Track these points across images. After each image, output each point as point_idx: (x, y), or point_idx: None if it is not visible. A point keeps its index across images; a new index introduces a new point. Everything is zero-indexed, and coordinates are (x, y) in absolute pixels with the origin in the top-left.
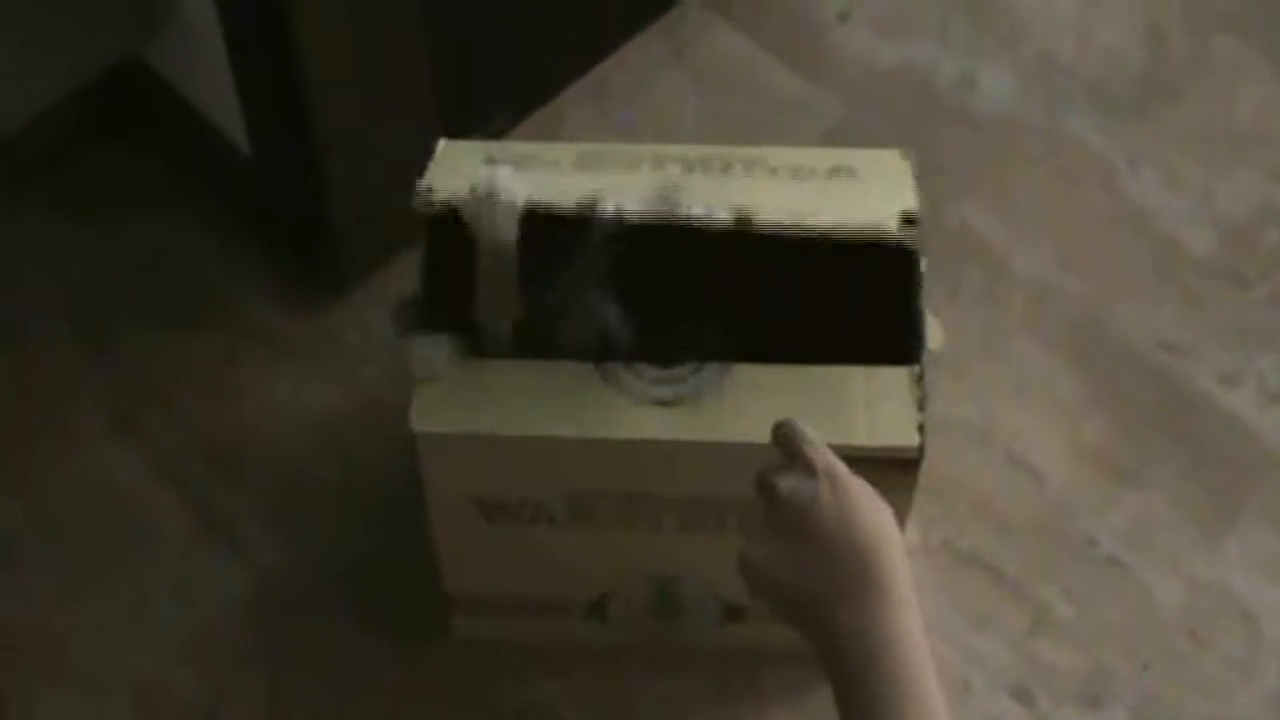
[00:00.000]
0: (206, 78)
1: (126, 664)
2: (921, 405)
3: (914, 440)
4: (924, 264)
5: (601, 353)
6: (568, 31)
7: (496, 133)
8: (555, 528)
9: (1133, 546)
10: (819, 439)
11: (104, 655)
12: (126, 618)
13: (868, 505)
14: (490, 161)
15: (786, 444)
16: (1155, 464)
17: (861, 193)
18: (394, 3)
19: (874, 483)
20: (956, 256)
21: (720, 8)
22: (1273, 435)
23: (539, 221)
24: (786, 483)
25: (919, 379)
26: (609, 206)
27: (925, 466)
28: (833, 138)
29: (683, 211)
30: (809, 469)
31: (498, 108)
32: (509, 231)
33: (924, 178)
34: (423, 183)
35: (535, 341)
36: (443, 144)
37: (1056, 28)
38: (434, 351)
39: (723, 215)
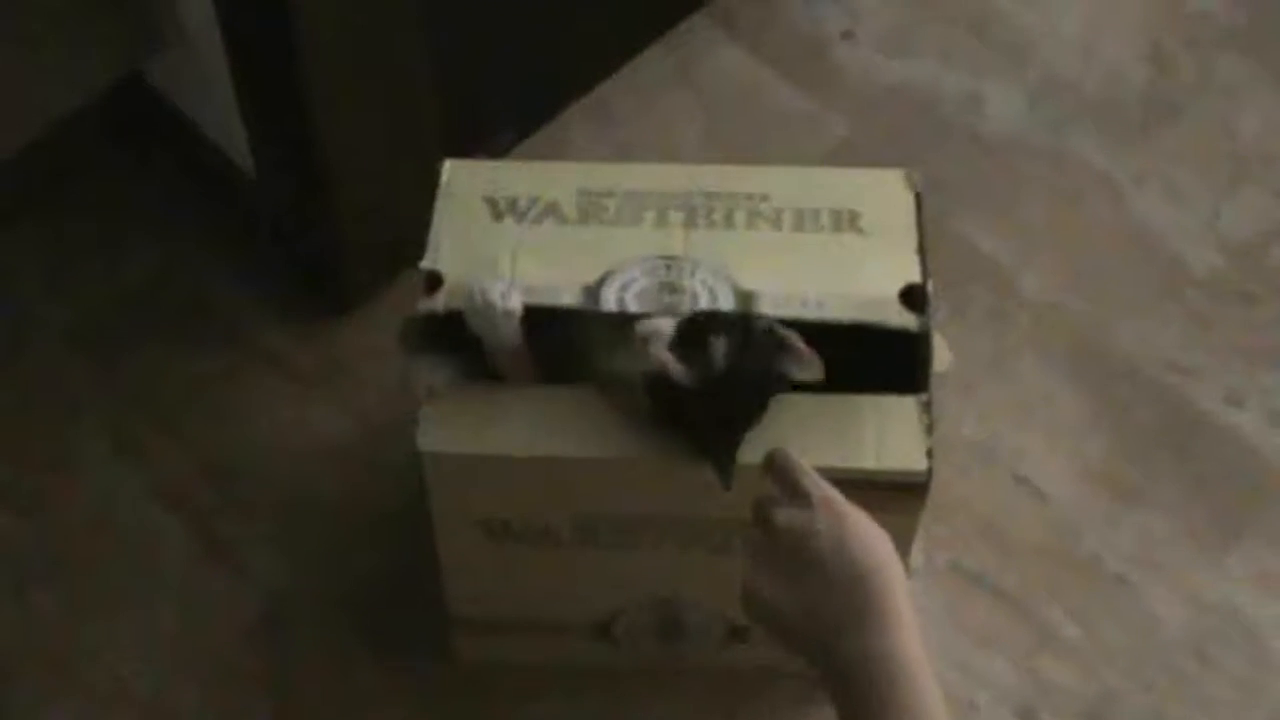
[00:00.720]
0: (210, 98)
1: (131, 684)
2: (929, 430)
3: (922, 465)
4: (931, 286)
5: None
6: (571, 50)
7: (501, 151)
8: (560, 549)
9: (1138, 566)
10: (810, 469)
11: (109, 676)
12: (132, 638)
13: (865, 533)
14: (493, 208)
15: (781, 474)
16: (1160, 483)
17: (865, 256)
18: (398, 23)
19: (882, 506)
20: (962, 276)
21: (724, 25)
22: (1278, 455)
23: (543, 316)
24: (784, 515)
25: (927, 405)
26: (610, 302)
27: (931, 488)
28: (837, 156)
29: (685, 309)
30: (805, 499)
31: (502, 126)
32: (514, 337)
33: (929, 196)
34: (428, 258)
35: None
36: (448, 166)
37: (1061, 47)
38: (435, 371)
39: (725, 301)
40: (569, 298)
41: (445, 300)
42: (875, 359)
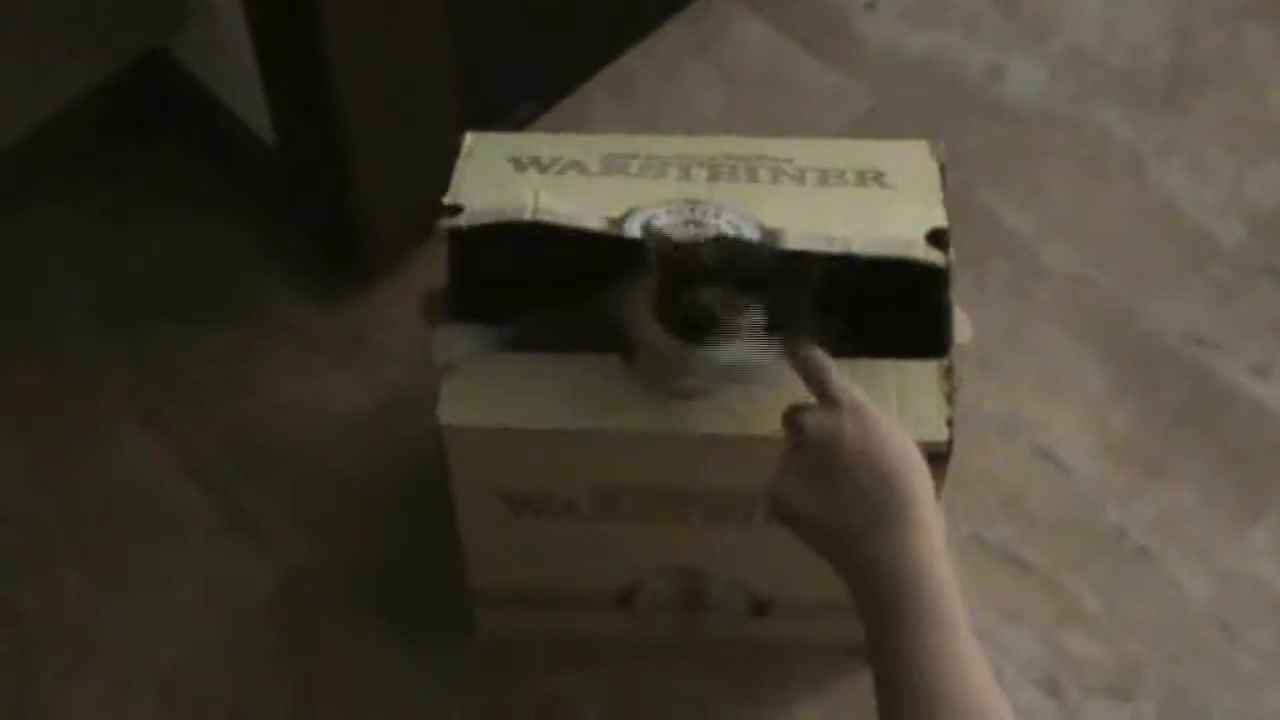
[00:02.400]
0: (232, 71)
1: (153, 660)
2: (950, 399)
3: (943, 434)
4: (952, 256)
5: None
6: (593, 23)
7: (521, 124)
8: (581, 521)
9: (1161, 539)
10: (839, 372)
11: (131, 651)
12: (154, 613)
13: (893, 437)
14: (516, 164)
15: (810, 373)
16: (1184, 456)
17: (890, 205)
18: None
19: None
20: (984, 248)
21: None
22: None
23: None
24: (813, 419)
25: (947, 373)
26: (635, 229)
27: (953, 459)
28: (860, 128)
29: (710, 232)
30: (834, 404)
31: (523, 99)
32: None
33: (951, 168)
34: (450, 197)
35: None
36: (469, 137)
37: (1085, 18)
38: (456, 340)
39: (750, 234)
40: (594, 223)
41: (467, 218)
42: (896, 328)
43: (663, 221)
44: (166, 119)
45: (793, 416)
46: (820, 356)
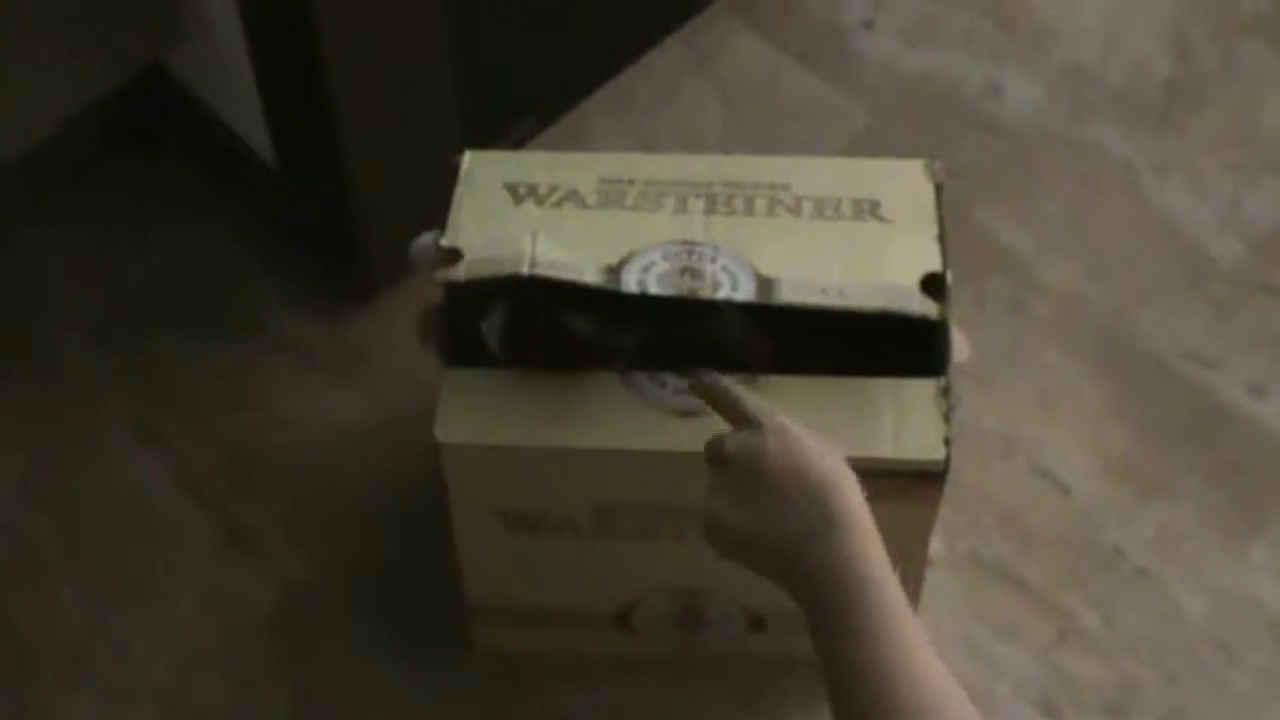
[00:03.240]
0: (230, 87)
1: (150, 674)
2: (948, 418)
3: (940, 454)
4: (950, 276)
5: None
6: (592, 39)
7: (520, 141)
8: (579, 539)
9: (1159, 557)
10: (746, 392)
11: (128, 665)
12: (152, 628)
13: (816, 448)
14: (513, 194)
15: (722, 403)
16: (1182, 474)
17: (886, 244)
18: (419, 12)
19: (900, 495)
20: (982, 266)
21: (744, 14)
22: None
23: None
24: (733, 441)
25: (945, 392)
26: (632, 284)
27: (950, 477)
28: (857, 146)
29: (705, 293)
30: (754, 425)
31: (522, 116)
32: None
33: (949, 186)
34: (448, 237)
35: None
36: (468, 156)
37: (1083, 36)
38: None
39: (744, 294)
40: (592, 276)
41: (466, 270)
42: (893, 349)
43: (660, 269)
44: (165, 134)
45: (713, 442)
46: (725, 384)
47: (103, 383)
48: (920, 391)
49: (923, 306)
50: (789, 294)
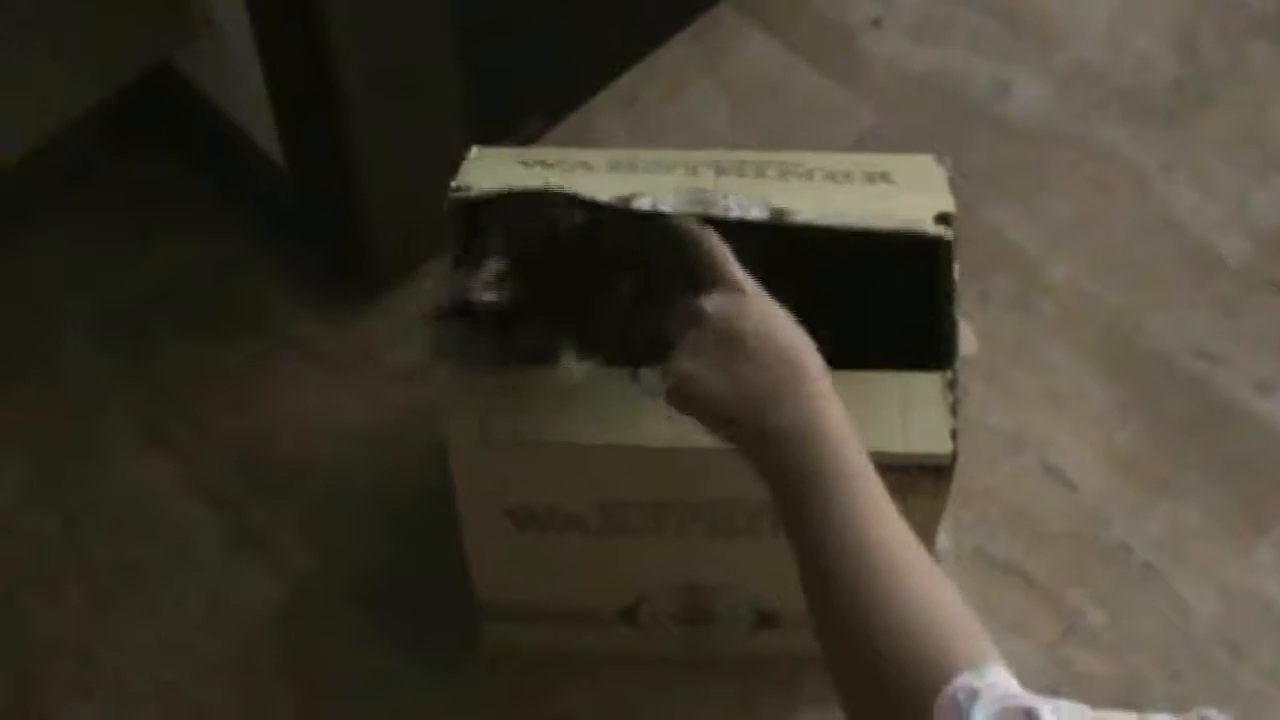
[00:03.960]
0: (239, 86)
1: (158, 677)
2: (955, 411)
3: (947, 447)
4: (957, 270)
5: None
6: (599, 38)
7: (527, 139)
8: (587, 536)
9: (1166, 554)
10: (733, 259)
11: (136, 668)
12: (160, 630)
13: (785, 317)
14: (523, 163)
15: (706, 261)
16: (1189, 472)
17: (898, 196)
18: (427, 10)
19: (907, 488)
20: (989, 263)
21: (752, 13)
22: None
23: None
24: (715, 300)
25: (952, 385)
26: (645, 203)
27: (958, 473)
28: (865, 144)
29: (718, 210)
30: (735, 286)
31: (529, 114)
32: None
33: (957, 184)
34: (457, 182)
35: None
36: (475, 150)
37: (1090, 35)
38: (462, 353)
39: (758, 213)
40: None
41: (476, 191)
42: (901, 340)
43: (669, 203)
44: (173, 134)
45: (690, 302)
46: (715, 240)
47: (110, 383)
48: (927, 385)
49: (935, 229)
50: (804, 219)
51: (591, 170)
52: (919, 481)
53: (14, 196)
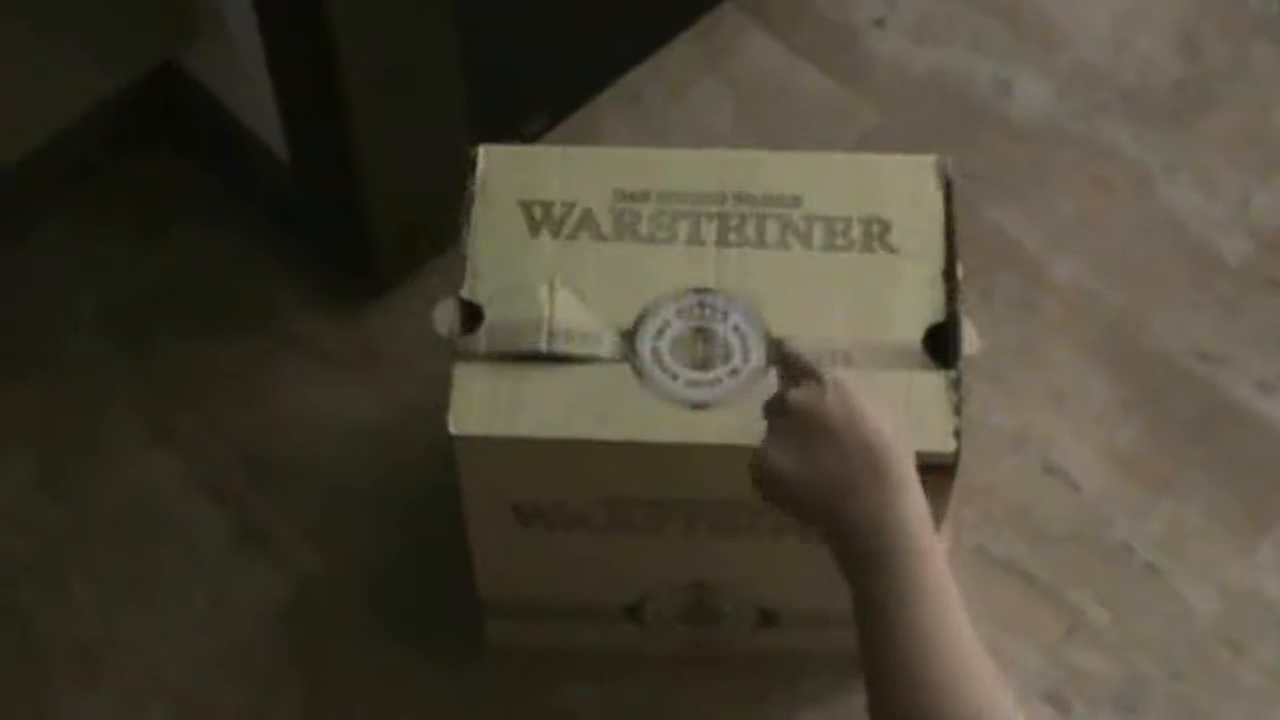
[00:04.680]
0: (244, 84)
1: (164, 673)
2: (958, 410)
3: (950, 445)
4: (960, 270)
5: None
6: (602, 37)
7: (532, 137)
8: (591, 532)
9: (1168, 554)
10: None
11: (141, 664)
12: (164, 627)
13: (873, 406)
14: (529, 218)
15: (792, 362)
16: (1191, 471)
17: (894, 283)
18: (432, 12)
19: None
20: (992, 263)
21: (756, 13)
22: None
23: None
24: (796, 393)
25: (955, 384)
26: (646, 353)
27: (960, 472)
28: (868, 144)
29: (717, 360)
30: (817, 379)
31: (533, 113)
32: None
33: (960, 184)
34: (466, 289)
35: None
36: (481, 153)
37: (1093, 35)
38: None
39: (756, 332)
40: (608, 345)
41: (485, 342)
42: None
43: (673, 331)
44: (177, 133)
45: (774, 396)
46: (796, 343)
47: (115, 380)
48: (931, 384)
49: (925, 367)
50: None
51: (597, 236)
52: (922, 479)
53: (17, 195)
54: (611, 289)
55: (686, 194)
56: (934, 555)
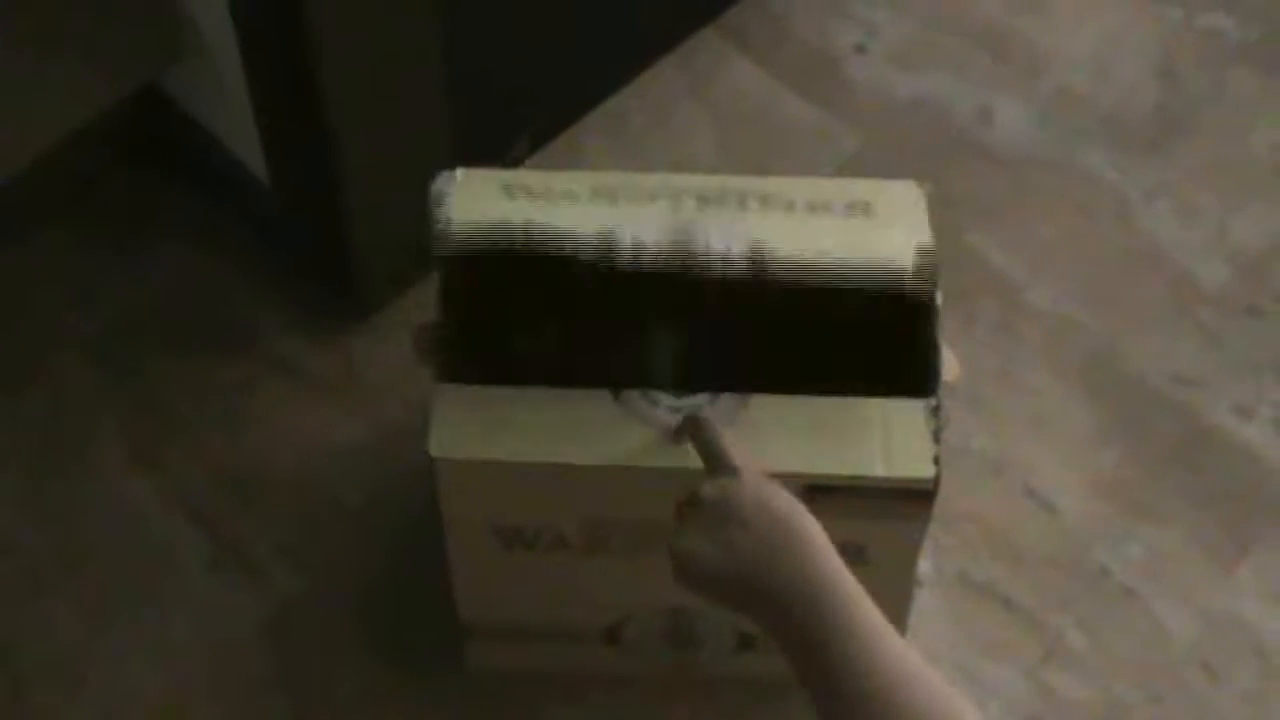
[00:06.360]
0: (226, 108)
1: (146, 693)
2: (937, 437)
3: (929, 471)
4: (939, 297)
5: (622, 380)
6: (585, 62)
7: (514, 162)
8: (571, 555)
9: (1146, 578)
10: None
11: (124, 684)
12: (147, 647)
13: (778, 490)
14: (507, 192)
15: (705, 443)
16: (1169, 496)
17: (877, 229)
18: (414, 33)
19: (889, 513)
20: (972, 289)
21: (737, 39)
22: None
23: (560, 264)
24: (709, 486)
25: (934, 410)
26: (627, 240)
27: (940, 497)
28: (848, 170)
29: (700, 247)
30: (728, 468)
31: (515, 137)
32: None
33: (940, 210)
34: (441, 217)
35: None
36: (461, 173)
37: (1073, 62)
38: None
39: (739, 251)
40: (588, 237)
41: (459, 245)
42: (884, 365)
43: (652, 237)
44: (162, 156)
45: (688, 493)
46: (714, 431)
47: (100, 402)
48: (910, 410)
49: (915, 276)
50: (784, 259)
51: (575, 200)
52: (902, 506)
53: (6, 214)
54: (588, 222)
55: (664, 186)
56: (864, 599)
